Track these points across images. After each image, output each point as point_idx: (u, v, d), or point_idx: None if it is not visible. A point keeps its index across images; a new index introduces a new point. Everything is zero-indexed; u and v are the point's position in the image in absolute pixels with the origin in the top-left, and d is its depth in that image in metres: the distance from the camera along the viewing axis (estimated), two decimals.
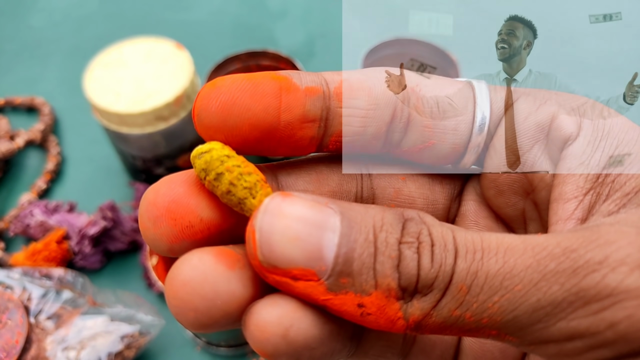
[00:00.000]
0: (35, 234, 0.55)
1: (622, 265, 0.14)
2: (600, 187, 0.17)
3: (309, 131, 0.17)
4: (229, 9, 0.82)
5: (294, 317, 0.15)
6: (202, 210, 0.16)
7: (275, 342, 0.14)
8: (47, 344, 0.44)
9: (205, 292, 0.14)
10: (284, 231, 0.14)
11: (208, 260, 0.15)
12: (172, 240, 0.16)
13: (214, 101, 0.16)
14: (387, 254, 0.14)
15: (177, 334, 0.51)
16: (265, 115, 0.16)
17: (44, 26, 0.81)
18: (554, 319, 0.14)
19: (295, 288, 0.15)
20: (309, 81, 0.18)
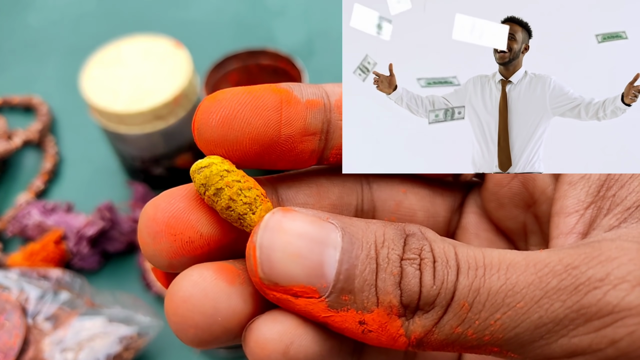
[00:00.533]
0: (32, 234, 0.54)
1: (623, 282, 0.14)
2: (601, 201, 0.17)
3: (310, 144, 0.17)
4: (228, 7, 0.82)
5: (295, 334, 0.15)
6: (202, 225, 0.16)
7: (275, 359, 0.14)
8: (44, 345, 0.43)
9: (206, 308, 0.14)
10: (284, 248, 0.14)
11: (208, 276, 0.15)
12: (172, 256, 0.16)
13: (214, 115, 0.16)
14: (389, 270, 0.14)
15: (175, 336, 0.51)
16: (266, 129, 0.16)
17: (42, 25, 0.81)
18: (555, 335, 0.14)
19: (296, 305, 0.14)
20: (310, 94, 0.17)
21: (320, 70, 0.70)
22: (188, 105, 0.53)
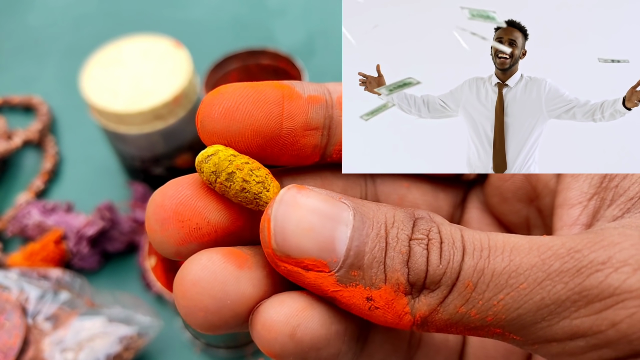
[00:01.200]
0: (32, 234, 0.54)
1: (625, 265, 0.14)
2: (604, 192, 0.17)
3: (312, 139, 0.17)
4: (228, 7, 0.82)
5: (302, 317, 0.15)
6: (209, 212, 0.16)
7: (282, 342, 0.15)
8: (44, 345, 0.43)
9: (215, 291, 0.15)
10: (298, 221, 0.15)
11: (217, 260, 0.15)
12: (180, 243, 0.16)
13: (216, 107, 0.16)
14: (398, 249, 0.15)
15: (175, 336, 0.51)
16: (268, 121, 0.16)
17: (42, 25, 0.81)
18: (557, 317, 0.14)
19: (306, 279, 0.15)
20: (312, 90, 0.18)
21: (320, 70, 0.70)
22: (188, 105, 0.53)
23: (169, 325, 0.51)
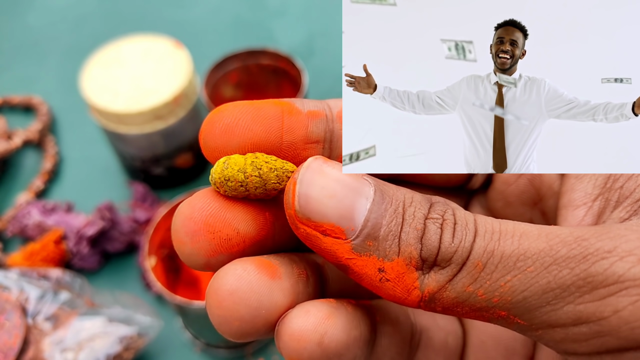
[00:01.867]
0: (32, 234, 0.54)
1: (630, 255, 0.14)
2: (608, 193, 0.17)
3: (313, 152, 0.18)
4: (228, 7, 0.82)
5: (328, 325, 0.15)
6: (238, 223, 0.16)
7: (311, 350, 0.15)
8: (44, 345, 0.43)
9: (251, 301, 0.15)
10: (322, 187, 0.15)
11: (252, 271, 0.15)
12: (210, 254, 0.16)
13: (217, 125, 0.17)
14: (414, 225, 0.15)
15: (175, 336, 0.51)
16: (268, 135, 0.17)
17: (42, 25, 0.81)
18: (562, 302, 0.14)
19: (323, 243, 0.15)
20: (312, 106, 0.18)
21: (320, 70, 0.70)
22: (188, 105, 0.53)
23: (169, 325, 0.51)
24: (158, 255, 0.46)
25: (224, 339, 0.48)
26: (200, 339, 0.50)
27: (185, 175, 0.59)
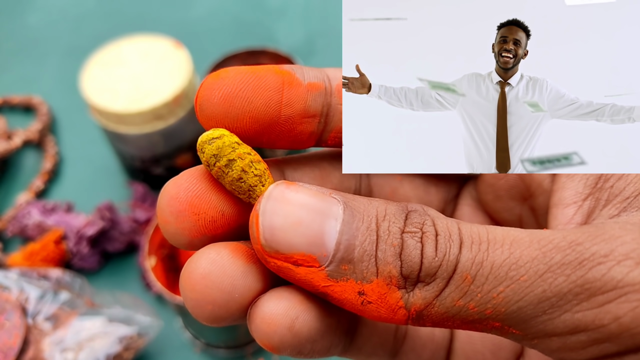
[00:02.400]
0: (32, 234, 0.54)
1: (627, 259, 0.14)
2: (599, 192, 0.17)
3: (309, 126, 0.17)
4: (228, 7, 0.82)
5: (300, 310, 0.15)
6: (223, 205, 0.16)
7: (281, 334, 0.15)
8: (44, 345, 0.43)
9: (224, 285, 0.15)
10: (286, 216, 0.15)
11: (226, 255, 0.15)
12: (194, 235, 0.16)
13: (216, 92, 0.16)
14: (390, 242, 0.15)
15: (175, 336, 0.51)
16: (267, 108, 0.16)
17: (42, 24, 0.81)
18: (558, 310, 0.14)
19: (297, 274, 0.15)
20: (312, 77, 0.17)
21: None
22: (188, 105, 0.53)
23: (169, 325, 0.51)
24: (158, 255, 0.46)
25: (224, 339, 0.48)
26: (200, 339, 0.50)
27: None
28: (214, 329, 0.46)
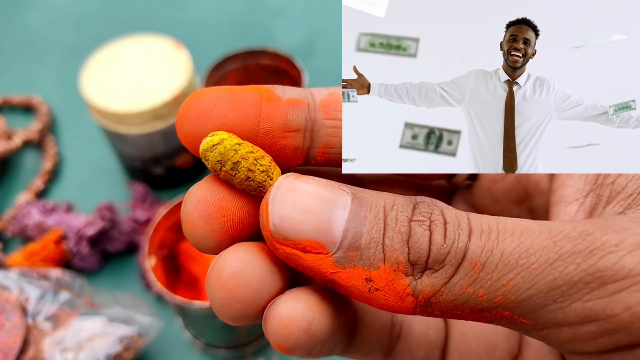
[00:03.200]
0: (32, 234, 0.54)
1: (638, 248, 0.14)
2: (599, 188, 0.17)
3: (292, 141, 0.17)
4: (228, 7, 0.82)
5: (316, 311, 0.15)
6: (249, 206, 0.17)
7: (298, 336, 0.15)
8: (44, 345, 0.43)
9: (254, 283, 0.15)
10: (295, 204, 0.15)
11: (255, 253, 0.15)
12: (223, 237, 0.16)
13: (193, 109, 0.16)
14: (397, 229, 0.15)
15: (175, 336, 0.51)
16: (244, 122, 0.16)
17: (42, 24, 0.81)
18: (569, 299, 0.14)
19: (305, 261, 0.15)
20: (293, 93, 0.17)
21: (320, 70, 0.70)
22: None
23: (169, 325, 0.51)
24: (158, 255, 0.46)
25: (224, 339, 0.48)
26: (200, 339, 0.50)
27: (185, 175, 0.59)
28: (214, 329, 0.46)
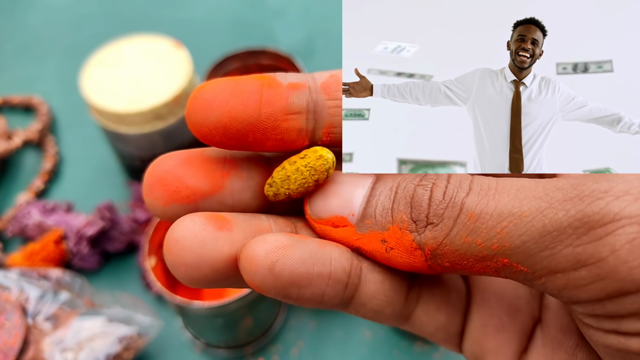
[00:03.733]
0: (32, 234, 0.54)
1: (626, 194, 0.14)
2: None
3: (295, 123, 0.18)
4: (228, 7, 0.82)
5: (281, 253, 0.17)
6: (187, 178, 0.18)
7: (262, 275, 0.16)
8: (44, 345, 0.43)
9: (194, 248, 0.17)
10: (326, 192, 0.18)
11: (198, 222, 0.17)
12: (163, 204, 0.18)
13: (198, 100, 0.17)
14: (403, 194, 0.17)
15: (175, 336, 0.51)
16: (245, 108, 0.17)
17: (42, 24, 0.81)
18: (560, 244, 0.15)
19: (336, 234, 0.18)
20: (294, 78, 0.18)
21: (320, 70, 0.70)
22: None
23: (169, 325, 0.51)
24: (158, 255, 0.46)
25: (224, 339, 0.48)
26: (200, 339, 0.50)
27: None
28: (214, 329, 0.46)
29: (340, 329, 0.51)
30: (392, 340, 0.51)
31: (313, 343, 0.51)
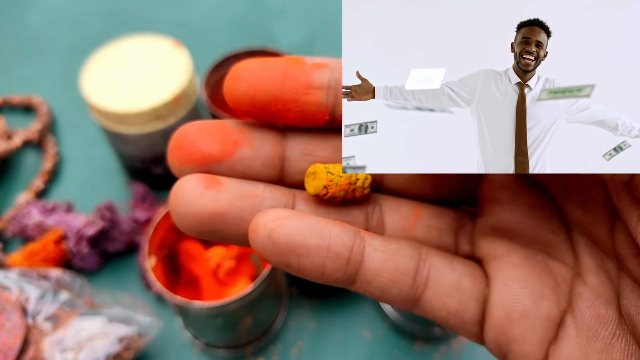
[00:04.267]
0: (32, 234, 0.54)
1: None
2: None
3: (315, 97, 0.19)
4: (227, 7, 0.82)
5: (278, 223, 0.18)
6: (201, 143, 0.20)
7: (263, 241, 0.18)
8: (44, 345, 0.43)
9: (183, 201, 0.19)
10: None
11: (192, 181, 0.19)
12: (179, 164, 0.20)
13: (233, 74, 0.20)
14: None
15: (175, 336, 0.51)
16: (269, 81, 0.19)
17: (42, 24, 0.81)
18: None
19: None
20: (319, 60, 0.20)
21: None
22: (188, 105, 0.53)
23: (169, 325, 0.51)
24: (158, 255, 0.46)
25: (224, 339, 0.48)
26: (200, 339, 0.50)
27: None
28: (214, 329, 0.46)
29: (340, 329, 0.51)
30: (392, 340, 0.51)
31: (313, 343, 0.51)
